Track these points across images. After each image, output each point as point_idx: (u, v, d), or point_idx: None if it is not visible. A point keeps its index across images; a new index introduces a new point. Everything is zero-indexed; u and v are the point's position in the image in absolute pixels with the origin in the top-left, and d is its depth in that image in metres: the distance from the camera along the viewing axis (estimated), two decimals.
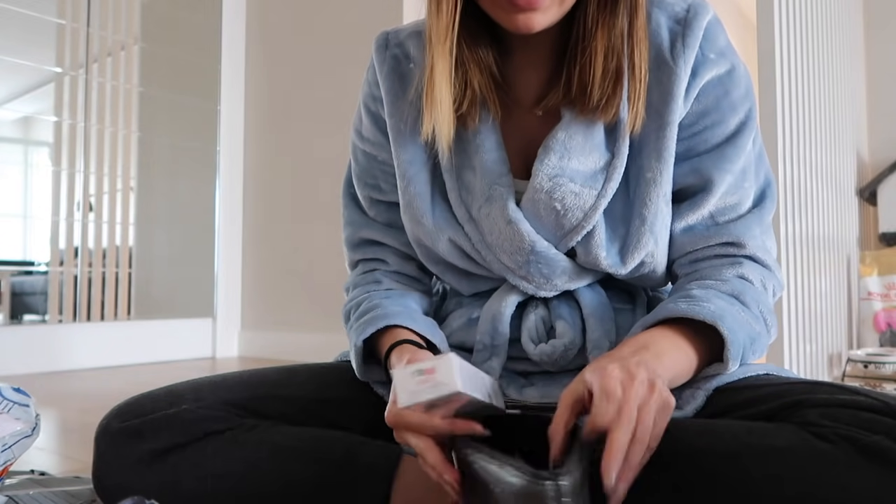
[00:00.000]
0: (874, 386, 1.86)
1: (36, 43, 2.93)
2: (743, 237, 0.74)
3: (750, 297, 0.71)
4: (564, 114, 0.72)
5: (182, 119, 3.26)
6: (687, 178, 0.75)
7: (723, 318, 0.65)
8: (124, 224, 3.06)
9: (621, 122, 0.72)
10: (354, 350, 0.77)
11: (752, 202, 0.76)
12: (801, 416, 0.56)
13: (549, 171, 0.72)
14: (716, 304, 0.67)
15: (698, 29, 0.71)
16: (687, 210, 0.75)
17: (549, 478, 0.50)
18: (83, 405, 1.86)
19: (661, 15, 0.72)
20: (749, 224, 0.75)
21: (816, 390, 0.60)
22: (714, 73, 0.72)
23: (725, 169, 0.73)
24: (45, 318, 2.95)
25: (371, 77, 0.85)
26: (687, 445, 0.58)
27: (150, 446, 0.70)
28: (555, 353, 0.75)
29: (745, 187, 0.75)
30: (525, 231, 0.74)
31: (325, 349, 2.34)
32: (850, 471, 0.51)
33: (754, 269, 0.74)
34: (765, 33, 1.81)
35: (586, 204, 0.72)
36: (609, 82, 0.69)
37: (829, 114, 2.13)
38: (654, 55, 0.72)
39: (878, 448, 0.51)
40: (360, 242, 0.89)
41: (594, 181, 0.72)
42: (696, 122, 0.74)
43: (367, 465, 0.69)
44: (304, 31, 3.04)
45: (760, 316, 0.71)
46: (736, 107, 0.74)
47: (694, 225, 0.76)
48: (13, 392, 0.85)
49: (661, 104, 0.72)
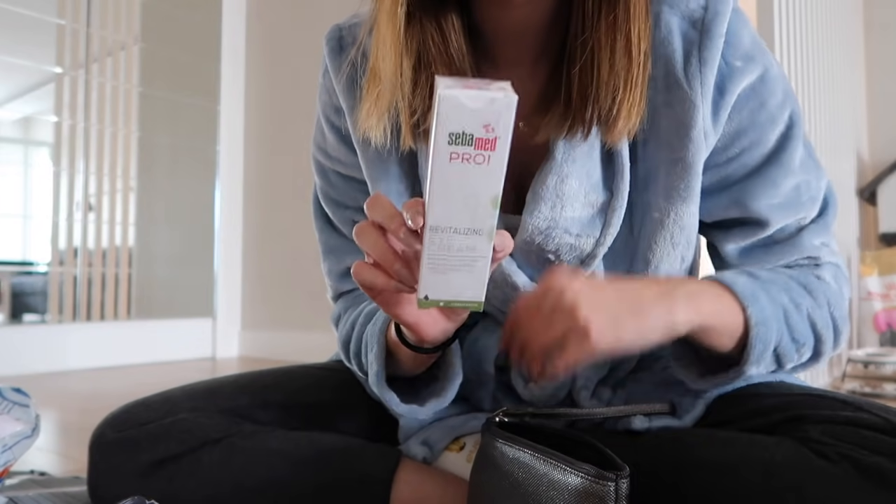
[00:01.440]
0: (874, 386, 1.86)
1: (36, 43, 2.93)
2: (810, 250, 0.67)
3: (821, 293, 0.64)
4: (555, 150, 0.61)
5: (182, 119, 3.26)
6: (728, 212, 0.66)
7: (757, 299, 0.58)
8: (124, 224, 3.06)
9: (618, 155, 0.62)
10: (376, 379, 0.66)
11: (815, 214, 0.67)
12: (803, 432, 0.55)
13: (539, 223, 0.63)
14: (766, 293, 0.60)
15: (718, 37, 0.59)
16: (739, 236, 0.67)
17: (611, 478, 0.48)
18: (83, 405, 1.86)
19: (673, 16, 0.60)
20: (811, 237, 0.67)
21: (820, 405, 0.58)
22: (745, 83, 0.61)
23: (770, 195, 0.63)
24: (45, 318, 2.95)
25: (328, 84, 0.73)
26: (685, 456, 0.58)
27: (146, 457, 0.69)
28: (544, 394, 0.69)
29: (804, 201, 0.66)
30: (520, 283, 0.66)
31: (325, 349, 2.33)
32: (849, 491, 0.50)
33: (828, 269, 0.67)
34: (765, 33, 1.81)
35: (583, 253, 0.65)
36: (619, 81, 0.58)
37: (829, 114, 2.13)
38: (662, 70, 0.60)
39: (879, 469, 0.50)
40: (345, 272, 0.78)
41: (591, 228, 0.64)
42: (731, 145, 0.63)
43: (365, 468, 0.68)
44: (304, 31, 3.03)
45: (829, 316, 0.63)
46: (775, 118, 0.63)
47: (751, 247, 0.68)
48: (13, 392, 0.85)
49: (672, 136, 0.61)
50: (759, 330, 0.58)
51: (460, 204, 0.45)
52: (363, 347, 0.69)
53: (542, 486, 0.50)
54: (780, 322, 0.60)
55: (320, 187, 0.80)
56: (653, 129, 0.62)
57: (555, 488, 0.50)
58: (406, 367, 0.66)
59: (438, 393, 0.66)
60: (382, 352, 0.65)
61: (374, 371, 0.65)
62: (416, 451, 0.71)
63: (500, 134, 0.43)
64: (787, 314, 0.61)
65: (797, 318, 0.62)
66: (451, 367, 0.66)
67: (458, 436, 0.72)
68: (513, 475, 0.52)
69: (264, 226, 3.18)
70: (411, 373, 0.68)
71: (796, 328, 0.61)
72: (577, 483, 0.49)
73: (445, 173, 0.44)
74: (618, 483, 0.48)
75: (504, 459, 0.54)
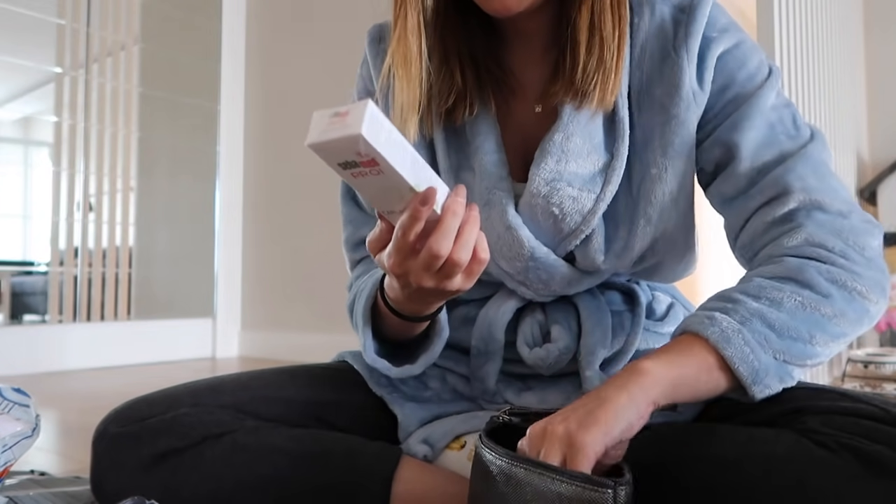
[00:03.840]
0: (874, 386, 1.86)
1: (36, 43, 2.93)
2: (787, 183, 0.65)
3: (814, 271, 0.60)
4: (563, 113, 0.71)
5: (182, 119, 3.26)
6: (713, 152, 0.70)
7: (729, 341, 0.56)
8: (124, 224, 3.06)
9: (620, 122, 0.71)
10: (363, 325, 0.74)
11: (798, 147, 0.68)
12: (802, 423, 0.55)
13: (546, 175, 0.70)
14: (740, 312, 0.58)
15: (702, 17, 0.69)
16: (721, 182, 0.70)
17: (608, 485, 0.47)
18: (83, 405, 1.86)
19: (665, 6, 0.71)
20: (792, 166, 0.66)
21: (819, 397, 0.59)
22: (722, 48, 0.70)
23: (745, 126, 0.68)
24: (45, 318, 2.95)
25: (365, 72, 0.83)
26: (686, 451, 0.58)
27: (148, 451, 0.70)
28: (549, 358, 0.74)
29: (783, 140, 0.68)
30: (524, 237, 0.72)
31: (325, 349, 2.33)
32: (851, 480, 0.50)
33: (820, 225, 0.63)
34: (765, 33, 1.81)
35: (584, 208, 0.71)
36: (593, 60, 0.68)
37: (830, 114, 2.13)
38: (658, 48, 0.71)
39: (879, 457, 0.50)
40: (361, 241, 0.86)
41: (592, 184, 0.71)
42: (716, 102, 0.70)
43: (366, 466, 0.69)
44: (303, 31, 3.03)
45: (839, 290, 0.60)
46: (753, 75, 0.70)
47: (733, 195, 0.69)
48: (13, 392, 0.85)
49: (665, 97, 0.70)
50: (723, 347, 0.57)
51: (386, 197, 0.56)
52: (356, 325, 0.77)
53: (528, 497, 0.50)
54: (751, 331, 0.58)
55: None
56: (648, 98, 0.71)
57: (542, 498, 0.49)
58: (398, 333, 0.75)
59: (427, 348, 0.74)
60: (369, 325, 0.74)
61: (364, 344, 0.74)
62: (416, 450, 0.71)
63: (372, 155, 0.50)
64: (760, 317, 0.58)
65: (777, 314, 0.59)
66: (438, 324, 0.74)
67: (459, 434, 0.73)
68: (498, 484, 0.52)
69: (264, 226, 3.18)
70: (402, 337, 0.76)
71: (778, 323, 0.58)
72: (569, 491, 0.48)
73: (359, 184, 0.54)
74: (616, 490, 0.47)
75: (492, 466, 0.53)
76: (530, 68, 0.76)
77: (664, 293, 0.85)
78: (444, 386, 0.81)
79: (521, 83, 0.76)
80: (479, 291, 0.80)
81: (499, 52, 0.76)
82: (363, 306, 0.74)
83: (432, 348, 0.74)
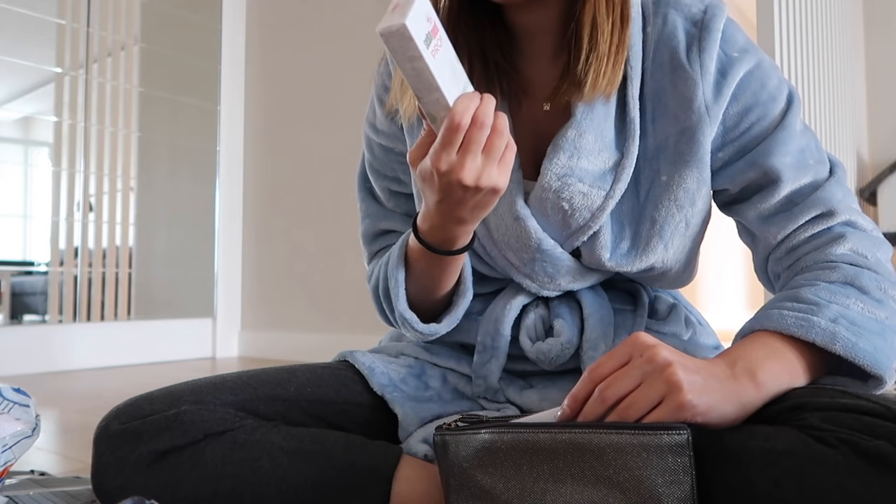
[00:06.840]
0: None
1: (36, 43, 2.93)
2: (830, 203, 0.71)
3: (867, 278, 0.66)
4: (576, 111, 0.72)
5: (182, 119, 3.26)
6: (747, 175, 0.74)
7: (836, 336, 0.60)
8: (124, 224, 3.06)
9: (631, 122, 0.72)
10: (396, 270, 0.77)
11: (827, 173, 0.74)
12: (802, 420, 0.55)
13: (558, 170, 0.72)
14: (830, 310, 0.62)
15: (716, 31, 0.71)
16: (759, 201, 0.74)
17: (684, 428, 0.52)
18: (83, 405, 1.86)
19: (678, 16, 0.73)
20: (831, 191, 0.72)
21: (818, 393, 0.59)
22: (744, 70, 0.72)
23: (781, 152, 0.72)
24: (45, 318, 2.94)
25: (384, 69, 0.86)
26: None
27: (149, 448, 0.70)
28: (551, 352, 0.76)
29: (812, 164, 0.73)
30: (532, 228, 0.74)
31: (325, 349, 2.34)
32: (851, 475, 0.50)
33: (860, 238, 0.70)
34: (765, 33, 1.81)
35: (594, 204, 0.73)
36: (592, 49, 0.70)
37: (830, 114, 2.13)
38: (669, 58, 0.72)
39: (879, 453, 0.50)
40: (379, 233, 0.89)
41: (603, 181, 0.73)
42: (740, 122, 0.73)
43: (366, 465, 0.69)
44: (303, 32, 3.03)
45: (885, 297, 0.65)
46: (775, 96, 0.73)
47: (773, 212, 0.74)
48: (13, 392, 0.85)
49: (678, 109, 0.72)
50: (856, 352, 0.60)
51: (453, 78, 0.60)
52: (388, 280, 0.79)
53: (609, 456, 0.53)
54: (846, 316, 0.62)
55: (367, 159, 0.90)
56: (662, 107, 0.73)
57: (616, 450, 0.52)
58: (427, 288, 0.77)
59: (452, 311, 0.78)
60: (402, 268, 0.77)
61: (397, 294, 0.77)
62: (417, 449, 0.72)
63: (435, 20, 0.57)
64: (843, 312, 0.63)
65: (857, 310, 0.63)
66: (465, 282, 0.78)
67: None
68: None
69: (264, 226, 3.18)
70: (431, 298, 0.78)
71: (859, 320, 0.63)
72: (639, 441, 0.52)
73: (438, 65, 0.57)
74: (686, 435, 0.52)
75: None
76: (539, 67, 0.77)
77: (666, 294, 0.86)
78: (445, 385, 0.81)
79: (530, 81, 0.77)
80: (485, 286, 0.82)
81: (509, 51, 0.78)
82: (397, 252, 0.77)
83: (458, 307, 0.78)
